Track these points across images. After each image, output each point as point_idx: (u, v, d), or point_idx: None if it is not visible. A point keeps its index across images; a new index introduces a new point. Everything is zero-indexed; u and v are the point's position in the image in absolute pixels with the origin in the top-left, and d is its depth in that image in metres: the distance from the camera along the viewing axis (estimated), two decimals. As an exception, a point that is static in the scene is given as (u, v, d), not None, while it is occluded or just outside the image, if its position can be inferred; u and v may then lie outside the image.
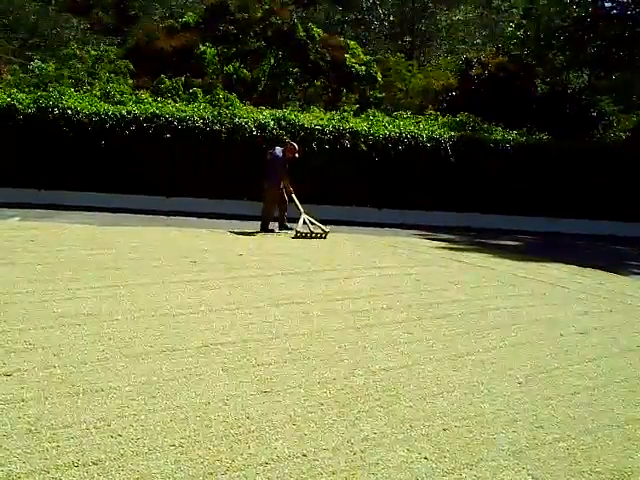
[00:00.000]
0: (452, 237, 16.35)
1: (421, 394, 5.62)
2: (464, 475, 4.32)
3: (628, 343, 7.81)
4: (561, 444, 4.90)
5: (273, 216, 14.91)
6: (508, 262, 13.04)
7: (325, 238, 14.19)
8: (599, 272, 13.01)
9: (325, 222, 16.28)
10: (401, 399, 5.47)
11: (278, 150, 14.68)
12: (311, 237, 14.24)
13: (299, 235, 14.12)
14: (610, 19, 26.37)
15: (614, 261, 14.84)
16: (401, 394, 5.58)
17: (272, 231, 14.71)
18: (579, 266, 13.35)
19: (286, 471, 4.19)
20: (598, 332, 8.22)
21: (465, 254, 13.68)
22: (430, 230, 16.84)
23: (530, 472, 4.43)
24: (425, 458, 4.49)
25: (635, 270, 14.06)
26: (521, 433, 5.02)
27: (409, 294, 9.38)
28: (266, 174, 14.73)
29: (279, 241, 13.64)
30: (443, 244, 15.08)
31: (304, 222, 14.50)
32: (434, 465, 4.41)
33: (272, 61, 33.90)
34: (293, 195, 14.85)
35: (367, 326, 7.56)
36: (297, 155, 14.76)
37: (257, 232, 14.60)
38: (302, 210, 14.69)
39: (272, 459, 4.32)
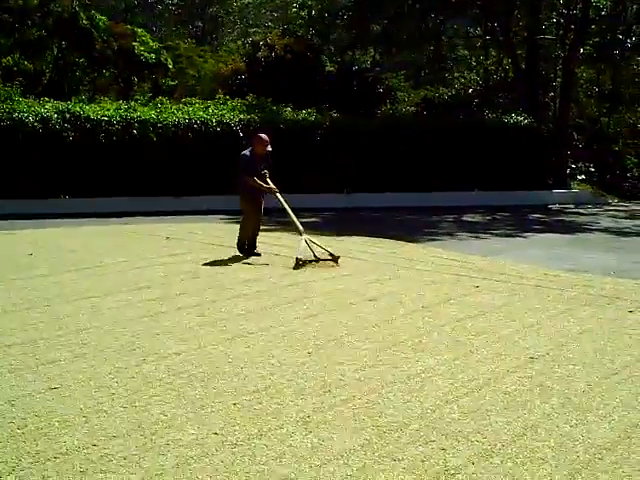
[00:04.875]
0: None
1: (212, 373, 5.72)
2: (253, 445, 4.46)
3: (413, 305, 8.23)
4: (347, 405, 5.14)
5: (250, 233, 11.45)
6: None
7: (337, 264, 10.66)
8: (392, 241, 13.56)
9: (119, 215, 16.08)
10: (192, 380, 5.55)
11: (246, 150, 11.28)
12: (317, 264, 10.65)
13: (301, 263, 10.45)
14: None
15: (407, 230, 15.49)
16: (192, 375, 5.66)
17: (258, 254, 11.36)
18: (373, 237, 13.86)
19: (76, 462, 4.18)
20: (387, 298, 8.61)
21: (262, 234, 13.84)
22: (229, 214, 16.87)
23: (317, 435, 4.63)
24: (215, 433, 4.60)
25: (427, 237, 14.75)
26: (309, 400, 5.23)
27: (203, 279, 9.44)
28: (236, 184, 11.53)
29: (71, 238, 13.26)
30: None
31: (306, 244, 10.95)
32: (224, 439, 4.53)
33: (55, 52, 32.67)
34: (280, 197, 11.32)
35: (160, 313, 7.57)
36: (269, 148, 11.17)
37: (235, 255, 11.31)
38: (301, 229, 11.18)
39: (61, 453, 4.29)
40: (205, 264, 10.46)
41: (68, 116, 17.51)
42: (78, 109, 17.93)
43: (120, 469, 4.11)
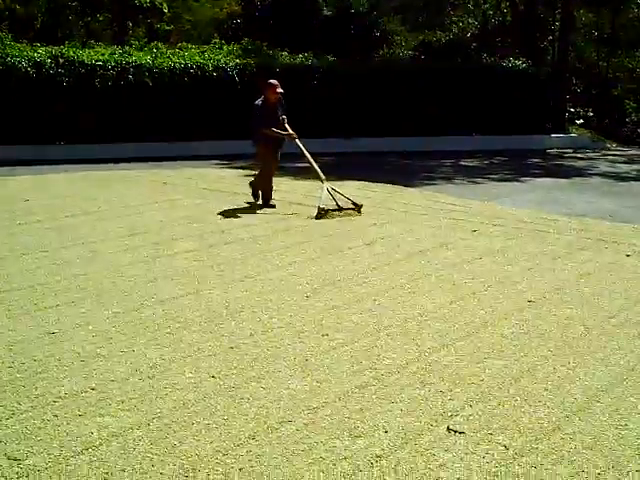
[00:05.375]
0: (249, 164, 16.33)
1: (209, 317, 5.73)
2: (250, 388, 4.47)
3: (410, 249, 8.22)
4: (344, 348, 5.16)
5: (270, 184, 10.98)
6: (302, 183, 13.22)
7: (360, 214, 10.36)
8: (388, 186, 13.50)
9: (114, 161, 15.96)
10: (189, 324, 5.56)
11: (258, 100, 10.81)
12: (340, 215, 10.21)
13: (323, 212, 10.07)
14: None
15: (405, 174, 15.40)
16: (190, 319, 5.67)
17: (273, 206, 10.84)
18: (371, 181, 13.79)
19: (74, 406, 4.19)
20: (383, 242, 8.60)
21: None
22: (229, 159, 16.77)
23: (314, 377, 4.65)
24: (212, 377, 4.62)
25: (424, 181, 14.66)
26: (307, 342, 5.24)
27: (201, 224, 9.41)
28: (252, 134, 11.01)
29: (68, 184, 13.16)
30: (243, 172, 15.05)
31: (329, 193, 10.46)
32: (221, 382, 4.54)
33: (46, -5, 32.11)
34: (300, 143, 10.92)
35: (158, 258, 7.57)
36: (280, 90, 10.77)
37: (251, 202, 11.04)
38: (323, 176, 10.76)
39: (60, 397, 4.31)
40: (203, 209, 10.42)
41: (62, 61, 17.15)
42: (72, 54, 17.56)
43: (118, 412, 4.13)
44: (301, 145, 10.89)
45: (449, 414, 4.19)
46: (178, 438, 3.86)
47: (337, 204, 10.37)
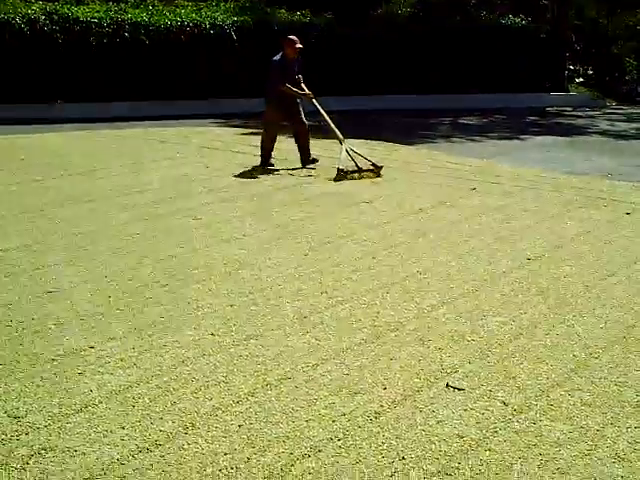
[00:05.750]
0: (245, 123, 16.22)
1: (208, 275, 5.71)
2: (250, 345, 4.47)
3: (410, 208, 8.19)
4: (344, 306, 5.15)
5: (271, 145, 10.68)
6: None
7: (380, 176, 10.01)
8: (388, 144, 13.44)
9: (110, 119, 15.85)
10: (188, 282, 5.55)
11: (277, 55, 10.38)
12: (360, 177, 9.90)
13: (343, 174, 9.82)
14: None
15: (404, 133, 15.31)
16: (189, 277, 5.66)
17: (272, 165, 10.63)
18: (370, 139, 13.68)
19: (73, 364, 4.18)
20: (383, 200, 8.57)
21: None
22: (226, 118, 16.68)
23: (313, 335, 4.64)
24: (212, 334, 4.61)
25: (423, 140, 14.60)
26: (305, 301, 5.23)
27: (199, 182, 9.37)
28: (266, 91, 10.66)
29: (65, 143, 13.08)
30: (240, 130, 14.98)
31: (348, 154, 10.21)
32: (221, 339, 4.54)
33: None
34: (317, 103, 10.57)
35: (156, 216, 7.54)
36: (299, 46, 10.34)
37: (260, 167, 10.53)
38: (341, 137, 10.51)
39: (59, 355, 4.30)
40: (200, 168, 10.37)
41: (56, 18, 16.87)
42: (66, 10, 17.30)
43: (118, 370, 4.12)
44: (318, 105, 10.56)
45: (448, 371, 4.19)
46: (177, 395, 3.86)
47: (356, 165, 10.07)
